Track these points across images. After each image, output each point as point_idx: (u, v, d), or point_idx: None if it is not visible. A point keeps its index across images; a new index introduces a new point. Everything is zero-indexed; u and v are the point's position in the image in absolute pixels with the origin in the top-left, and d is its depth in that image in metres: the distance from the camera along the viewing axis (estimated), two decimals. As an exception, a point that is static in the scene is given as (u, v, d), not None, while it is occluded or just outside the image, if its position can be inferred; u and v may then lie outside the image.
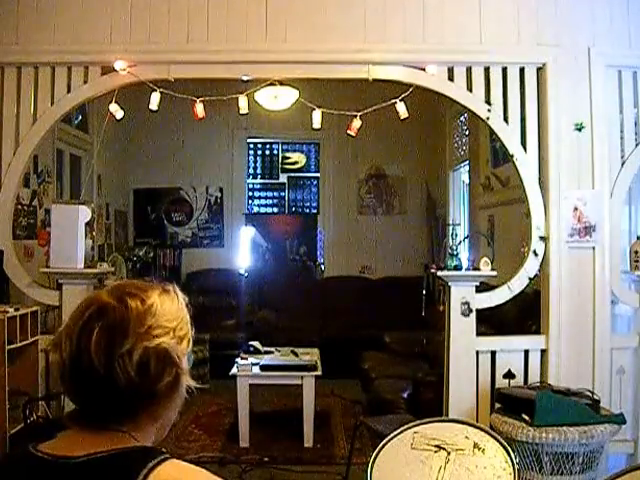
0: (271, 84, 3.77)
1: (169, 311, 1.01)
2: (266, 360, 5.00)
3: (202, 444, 4.64)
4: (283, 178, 8.58)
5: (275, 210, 8.64)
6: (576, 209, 3.59)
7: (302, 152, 8.57)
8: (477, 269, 3.65)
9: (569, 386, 3.38)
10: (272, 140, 8.49)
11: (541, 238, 3.64)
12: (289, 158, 8.58)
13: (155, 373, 0.95)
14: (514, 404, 3.22)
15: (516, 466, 2.22)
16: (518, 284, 3.66)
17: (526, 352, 3.65)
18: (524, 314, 4.21)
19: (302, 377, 4.64)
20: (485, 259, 3.64)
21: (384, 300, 7.47)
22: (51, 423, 3.43)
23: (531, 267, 3.66)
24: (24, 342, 3.41)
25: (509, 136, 3.66)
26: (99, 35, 3.63)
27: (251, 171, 8.55)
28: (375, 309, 7.40)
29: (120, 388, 0.93)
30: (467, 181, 7.28)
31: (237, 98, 3.78)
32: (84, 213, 3.63)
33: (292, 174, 8.57)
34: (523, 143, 3.66)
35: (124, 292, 0.99)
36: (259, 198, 8.62)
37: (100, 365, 0.92)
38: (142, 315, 0.96)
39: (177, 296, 1.06)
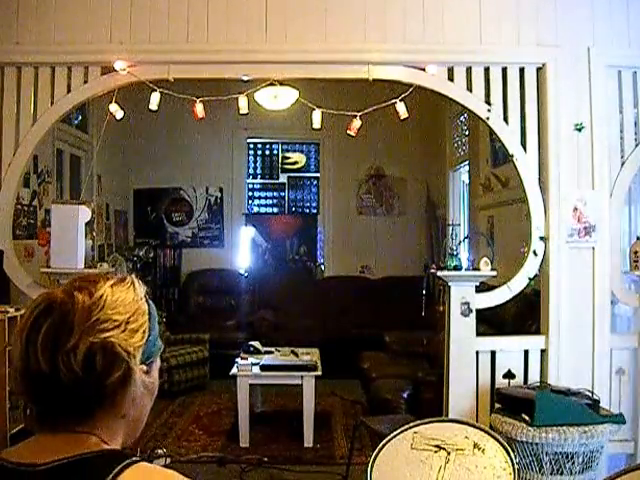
0: (271, 84, 3.77)
1: (121, 302, 0.95)
2: (266, 360, 5.00)
3: (202, 444, 4.64)
4: (283, 178, 8.58)
5: (275, 210, 8.64)
6: (576, 209, 3.59)
7: (302, 152, 8.58)
8: (477, 269, 3.65)
9: (569, 386, 3.38)
10: (272, 140, 8.50)
11: (541, 238, 3.64)
12: (289, 158, 8.58)
13: (102, 369, 0.90)
14: (514, 404, 3.22)
15: (516, 466, 2.22)
16: (518, 284, 3.66)
17: (526, 352, 3.65)
18: (524, 314, 4.21)
19: (302, 377, 4.64)
20: (485, 259, 3.64)
21: (384, 300, 7.47)
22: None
23: (531, 267, 3.66)
24: (24, 342, 3.40)
25: (509, 136, 3.66)
26: (99, 35, 3.63)
27: (251, 171, 8.55)
28: (375, 309, 7.40)
29: (67, 386, 0.89)
30: (467, 181, 7.28)
31: (237, 98, 3.78)
32: (84, 213, 3.63)
33: (292, 174, 8.57)
34: (523, 143, 3.65)
35: (74, 286, 0.95)
36: (259, 198, 8.62)
37: (45, 363, 0.89)
38: (88, 309, 0.92)
39: (133, 286, 0.99)
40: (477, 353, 3.63)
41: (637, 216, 4.05)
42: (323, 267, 8.35)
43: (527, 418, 3.08)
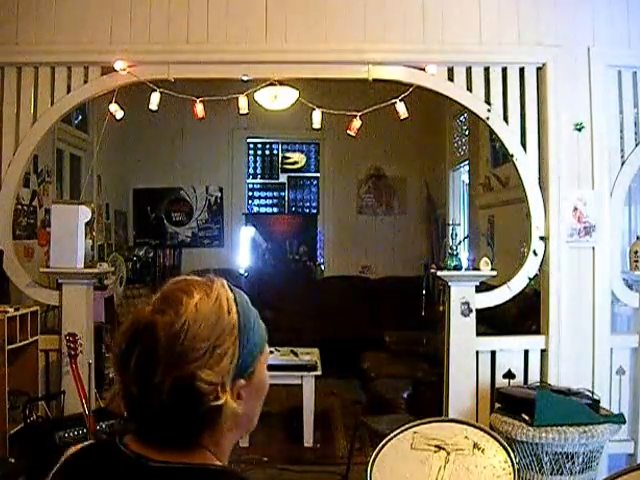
0: (271, 84, 3.77)
1: (205, 326, 0.90)
2: (266, 360, 4.99)
3: (202, 444, 4.63)
4: (283, 178, 8.58)
5: (275, 210, 8.64)
6: (576, 209, 3.59)
7: (302, 152, 8.57)
8: (477, 269, 3.65)
9: (569, 386, 3.38)
10: (272, 140, 8.49)
11: (541, 238, 3.64)
12: (289, 158, 8.57)
13: (191, 401, 0.89)
14: (514, 404, 3.22)
15: (516, 466, 2.22)
16: (518, 284, 3.66)
17: (526, 352, 3.65)
18: (524, 314, 4.21)
19: (302, 377, 4.64)
20: (485, 259, 3.64)
21: (384, 300, 7.46)
22: (53, 422, 3.43)
23: (531, 267, 3.66)
24: (24, 342, 3.41)
25: (509, 136, 3.66)
26: (99, 35, 3.63)
27: (251, 171, 8.55)
28: (375, 309, 7.40)
29: (164, 416, 0.89)
30: (467, 181, 7.28)
31: (237, 98, 3.77)
32: (84, 213, 3.63)
33: (292, 174, 8.57)
34: (523, 143, 3.66)
35: (158, 308, 0.92)
36: (259, 198, 8.62)
37: (137, 393, 0.90)
38: (172, 338, 0.89)
39: (219, 300, 0.95)
40: (477, 353, 3.63)
41: (637, 216, 4.05)
42: (323, 267, 8.35)
43: (527, 418, 3.08)
